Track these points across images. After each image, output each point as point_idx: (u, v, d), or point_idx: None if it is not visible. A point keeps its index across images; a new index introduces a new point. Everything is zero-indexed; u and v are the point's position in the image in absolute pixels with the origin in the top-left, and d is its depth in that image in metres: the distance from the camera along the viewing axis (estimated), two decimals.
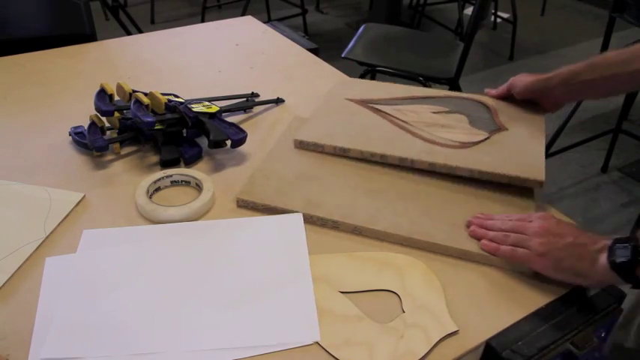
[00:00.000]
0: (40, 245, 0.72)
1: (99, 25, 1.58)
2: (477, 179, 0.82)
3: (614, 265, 0.62)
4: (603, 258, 0.63)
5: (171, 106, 0.90)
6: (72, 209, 0.78)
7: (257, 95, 1.07)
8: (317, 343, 0.60)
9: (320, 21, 3.70)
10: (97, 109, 0.86)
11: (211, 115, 0.91)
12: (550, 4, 3.99)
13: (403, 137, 0.88)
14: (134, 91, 0.91)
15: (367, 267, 0.70)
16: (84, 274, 0.67)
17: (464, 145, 0.86)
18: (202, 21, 3.29)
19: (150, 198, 0.79)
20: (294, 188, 0.80)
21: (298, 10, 3.30)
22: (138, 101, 0.86)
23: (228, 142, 0.88)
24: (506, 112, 0.95)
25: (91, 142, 0.85)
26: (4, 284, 0.66)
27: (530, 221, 0.70)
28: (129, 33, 2.52)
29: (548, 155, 2.15)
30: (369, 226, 0.74)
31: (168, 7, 3.76)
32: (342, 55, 1.97)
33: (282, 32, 1.39)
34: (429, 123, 0.92)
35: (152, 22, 3.51)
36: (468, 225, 0.74)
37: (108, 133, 0.93)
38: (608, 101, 2.81)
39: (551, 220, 0.69)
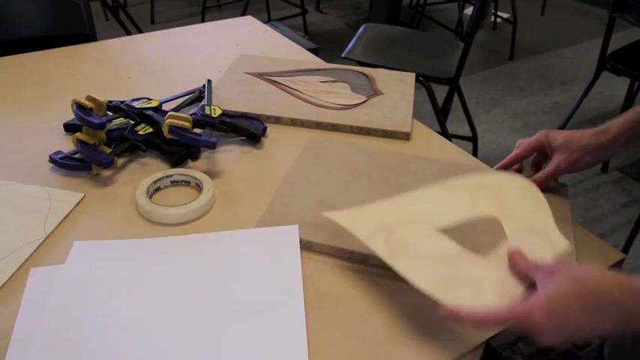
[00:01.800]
0: (40, 245, 0.72)
1: (99, 25, 1.58)
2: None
3: None
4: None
5: (113, 107, 0.92)
6: (72, 209, 0.78)
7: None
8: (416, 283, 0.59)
9: (320, 21, 3.70)
10: (89, 124, 0.83)
11: (155, 109, 0.93)
12: (550, 4, 3.99)
13: (295, 102, 1.03)
14: (110, 102, 0.91)
15: (461, 196, 0.67)
16: (71, 288, 0.65)
17: (346, 107, 1.03)
18: (202, 21, 3.29)
19: (150, 198, 0.79)
20: (317, 216, 0.73)
21: (298, 10, 3.30)
22: (81, 106, 0.86)
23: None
24: (382, 80, 1.13)
25: (96, 160, 0.83)
26: (4, 284, 0.66)
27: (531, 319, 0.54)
28: (129, 33, 2.52)
29: None
30: None
31: (168, 7, 3.76)
32: (342, 55, 1.97)
33: (282, 32, 1.39)
34: (317, 90, 1.07)
35: (152, 22, 3.51)
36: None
37: None
38: (608, 101, 2.81)
39: (551, 310, 0.54)
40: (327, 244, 0.71)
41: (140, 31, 2.48)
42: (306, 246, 0.72)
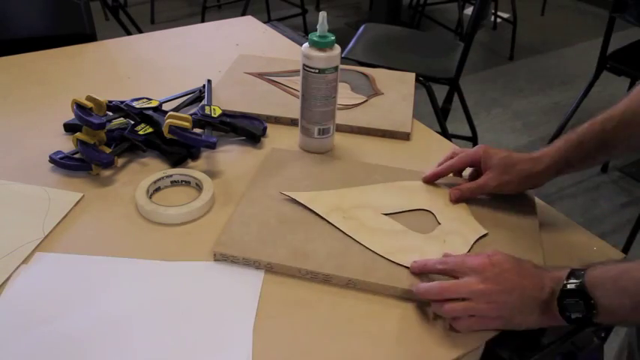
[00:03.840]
0: (38, 245, 0.72)
1: (99, 25, 1.58)
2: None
3: (570, 321, 0.58)
4: (555, 308, 0.59)
5: (113, 107, 0.92)
6: (71, 209, 0.78)
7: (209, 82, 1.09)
8: (375, 253, 0.70)
9: None
10: (89, 124, 0.83)
11: (155, 109, 0.93)
12: (550, 4, 3.99)
13: (295, 102, 0.98)
14: (110, 102, 0.91)
15: (401, 193, 0.81)
16: (22, 301, 0.64)
17: (346, 107, 1.02)
18: (202, 21, 3.29)
19: (150, 198, 0.79)
20: (277, 236, 0.72)
21: (298, 10, 3.30)
22: (81, 106, 0.85)
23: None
24: (382, 80, 1.13)
25: (96, 161, 0.82)
26: (3, 283, 0.66)
27: (465, 272, 0.62)
28: (129, 33, 2.52)
29: None
30: (363, 278, 0.67)
31: (168, 7, 3.76)
32: (342, 55, 1.97)
33: (282, 32, 1.39)
34: None
35: (152, 22, 3.51)
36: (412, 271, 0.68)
37: None
38: (608, 101, 2.81)
39: (491, 270, 0.61)
40: (288, 265, 0.68)
41: (140, 31, 2.48)
42: (266, 267, 0.69)
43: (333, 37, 0.82)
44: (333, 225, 0.75)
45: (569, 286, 0.58)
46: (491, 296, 0.60)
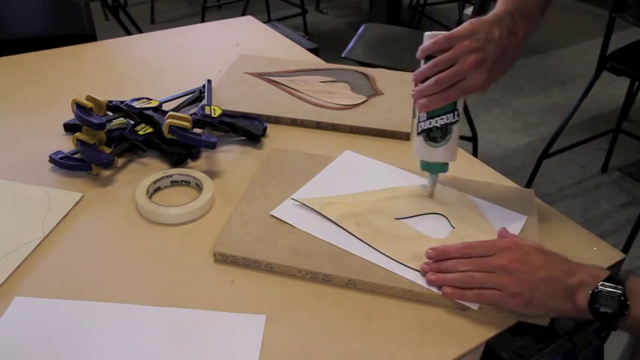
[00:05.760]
0: (38, 245, 0.72)
1: (99, 25, 1.58)
2: None
3: (595, 313, 0.58)
4: (582, 298, 0.59)
5: (113, 107, 0.92)
6: (71, 209, 0.78)
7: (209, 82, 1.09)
8: (390, 257, 0.69)
9: (320, 21, 3.70)
10: (89, 124, 0.83)
11: (155, 109, 0.93)
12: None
13: (295, 102, 1.03)
14: (110, 102, 0.91)
15: (412, 197, 0.80)
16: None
17: (346, 107, 1.03)
18: (202, 21, 3.29)
19: (150, 198, 0.79)
20: (277, 236, 0.72)
21: (298, 10, 3.30)
22: (81, 106, 0.86)
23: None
24: (382, 80, 1.13)
25: (96, 161, 0.82)
26: (3, 283, 0.66)
27: (494, 254, 0.64)
28: (129, 33, 2.52)
29: (548, 155, 2.16)
30: (363, 278, 0.67)
31: (168, 7, 3.76)
32: (342, 55, 1.97)
33: (282, 32, 1.39)
34: (317, 90, 1.07)
35: (152, 22, 3.51)
36: (424, 270, 0.67)
37: None
38: (608, 101, 2.81)
39: (518, 250, 0.64)
40: (288, 265, 0.68)
41: (140, 31, 2.48)
42: (266, 267, 0.69)
43: None
44: (347, 231, 0.74)
45: (608, 283, 0.59)
46: (514, 271, 0.62)
